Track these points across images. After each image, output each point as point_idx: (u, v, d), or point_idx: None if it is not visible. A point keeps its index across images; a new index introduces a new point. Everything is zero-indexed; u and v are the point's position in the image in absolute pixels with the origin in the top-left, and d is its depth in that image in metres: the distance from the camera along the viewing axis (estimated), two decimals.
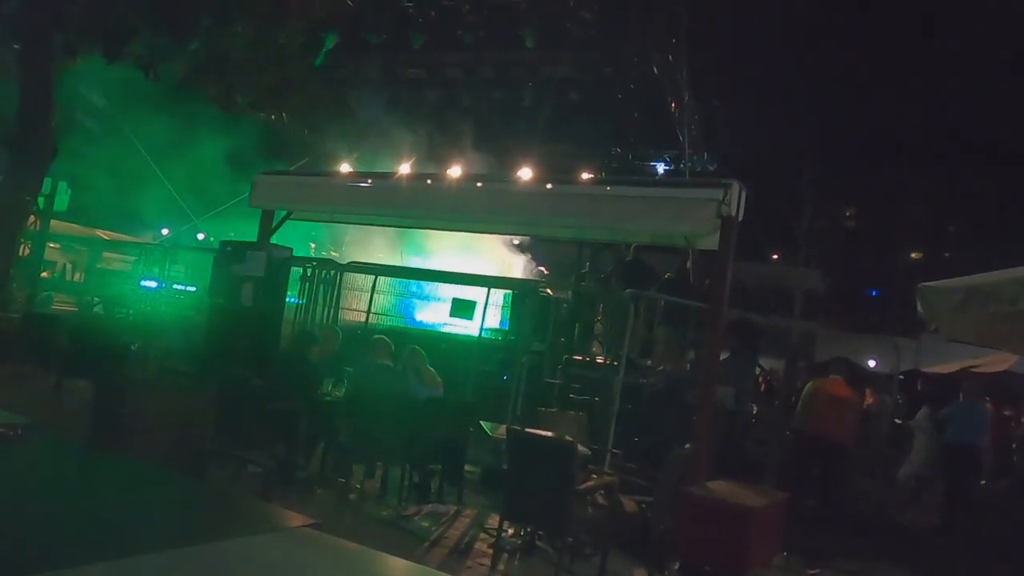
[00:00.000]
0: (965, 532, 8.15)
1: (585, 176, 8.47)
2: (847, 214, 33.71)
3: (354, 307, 10.17)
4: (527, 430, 5.85)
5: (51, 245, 15.62)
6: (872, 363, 16.11)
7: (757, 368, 12.11)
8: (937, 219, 32.93)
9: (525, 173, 7.94)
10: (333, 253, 13.05)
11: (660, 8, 14.29)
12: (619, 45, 13.92)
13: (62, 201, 13.84)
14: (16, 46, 6.89)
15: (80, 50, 7.21)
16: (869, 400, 10.08)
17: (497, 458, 7.20)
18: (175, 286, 14.05)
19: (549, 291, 10.58)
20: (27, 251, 12.83)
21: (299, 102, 7.98)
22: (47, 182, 11.16)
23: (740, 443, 8.72)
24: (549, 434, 5.78)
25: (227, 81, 7.61)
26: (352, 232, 12.77)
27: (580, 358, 9.38)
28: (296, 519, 2.40)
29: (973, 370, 12.80)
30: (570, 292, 10.35)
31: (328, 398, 7.11)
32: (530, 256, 12.91)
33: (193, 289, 13.73)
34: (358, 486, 6.84)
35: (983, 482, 9.26)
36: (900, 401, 12.06)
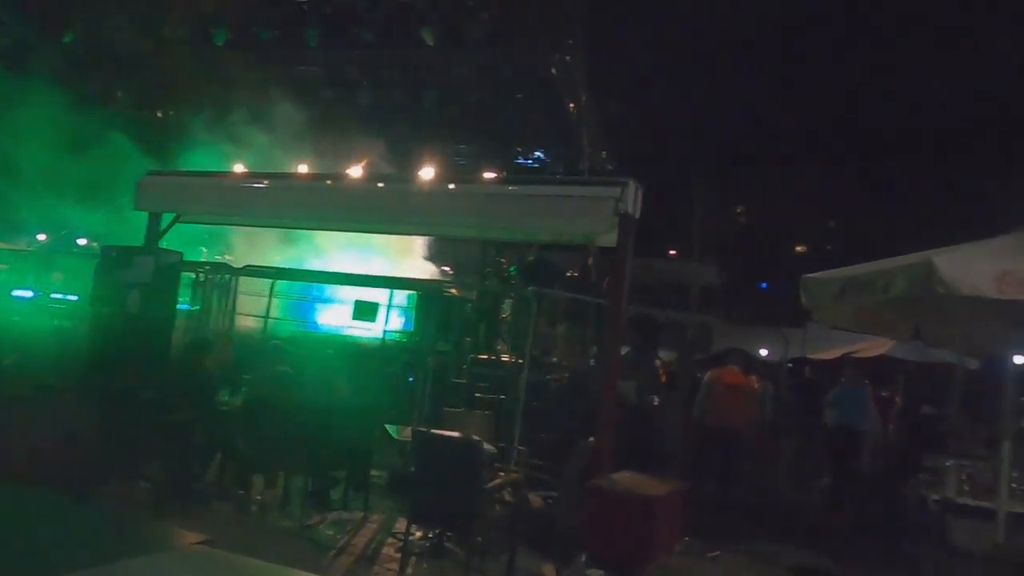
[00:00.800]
0: (850, 509, 8.67)
1: (487, 175, 8.51)
2: (738, 210, 35.33)
3: (251, 312, 9.83)
4: (433, 431, 5.81)
5: None
6: (764, 352, 16.95)
7: (657, 361, 12.52)
8: (820, 214, 34.96)
9: (427, 173, 7.89)
10: (227, 257, 12.55)
11: (556, 9, 14.50)
12: (515, 45, 14.04)
13: None
14: None
15: None
16: (755, 386, 10.58)
17: (404, 461, 7.12)
18: (53, 295, 13.17)
19: (454, 291, 10.57)
20: None
21: (186, 99, 7.60)
22: None
23: (642, 435, 8.97)
24: (455, 434, 5.76)
25: (108, 76, 7.18)
26: (247, 234, 12.32)
27: (485, 357, 9.41)
28: (188, 536, 2.30)
29: (853, 355, 13.68)
30: (475, 291, 10.37)
31: (225, 407, 6.83)
32: (434, 256, 12.84)
33: (74, 298, 12.90)
34: (258, 497, 6.61)
35: (865, 462, 9.86)
36: (790, 386, 12.73)
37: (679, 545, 6.41)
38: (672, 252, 26.38)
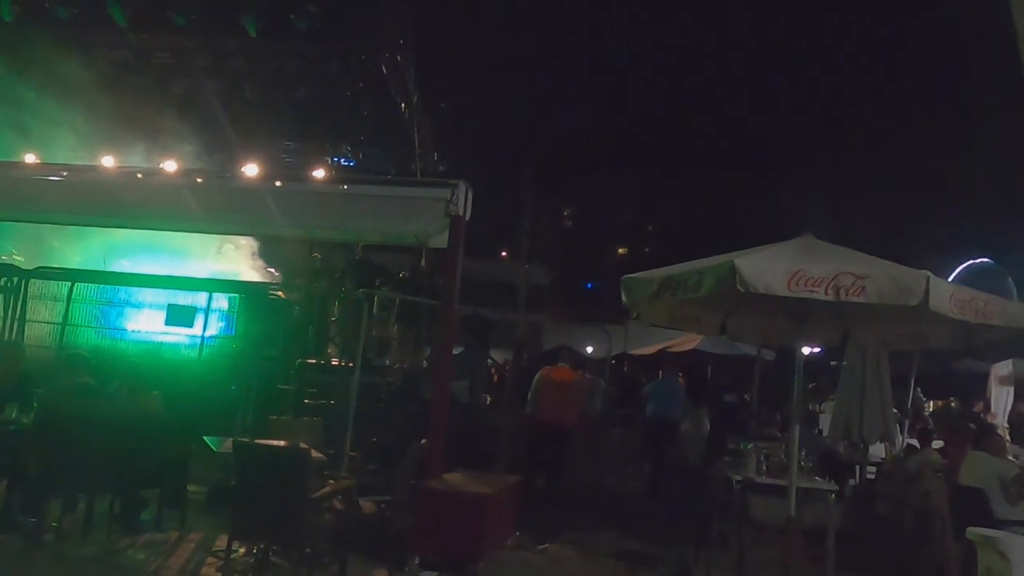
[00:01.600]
0: (666, 495, 9.30)
1: (315, 174, 8.22)
2: (565, 213, 36.80)
3: (45, 319, 8.84)
4: (255, 441, 5.53)
5: None
6: (590, 349, 17.77)
7: (489, 360, 12.75)
8: (641, 218, 37.32)
9: (251, 169, 7.48)
10: (16, 256, 11.19)
11: (387, 8, 14.29)
12: (344, 41, 13.66)
13: None
14: None
15: None
16: (586, 381, 11.07)
17: (226, 474, 6.73)
18: None
19: (280, 293, 10.13)
20: None
21: None
22: None
23: (475, 433, 9.09)
24: (280, 443, 5.52)
25: None
26: (41, 232, 11.06)
27: (314, 361, 9.11)
28: None
29: (669, 350, 14.70)
30: (302, 294, 10.01)
31: (12, 427, 6.08)
32: (257, 256, 12.20)
33: None
34: (54, 524, 5.94)
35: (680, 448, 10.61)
36: (613, 380, 13.42)
37: (511, 540, 6.55)
38: (503, 253, 26.97)
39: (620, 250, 36.72)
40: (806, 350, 7.23)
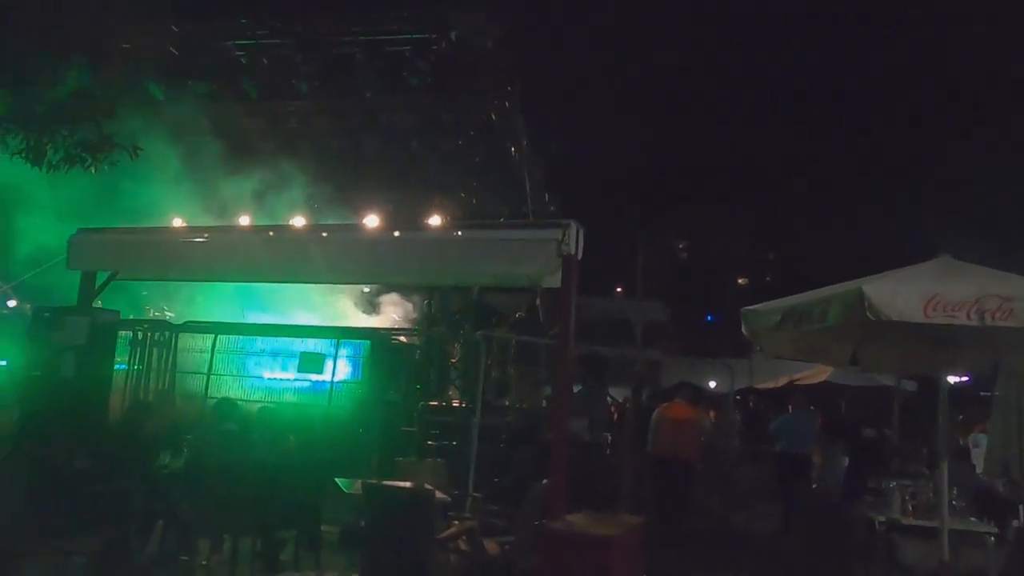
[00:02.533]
0: (800, 535, 8.79)
1: (431, 221, 8.53)
2: (680, 246, 36.16)
3: (193, 370, 9.54)
4: (382, 482, 5.70)
5: None
6: (712, 384, 17.22)
7: (608, 398, 12.60)
8: (758, 247, 36.09)
9: (371, 221, 7.86)
10: (167, 313, 12.21)
11: (494, 57, 14.80)
12: (454, 92, 14.24)
13: None
14: None
15: None
16: (708, 418, 10.72)
17: (356, 515, 6.96)
18: None
19: (402, 338, 10.47)
20: None
21: (119, 155, 7.45)
22: None
23: (597, 472, 8.98)
24: (406, 484, 5.66)
25: (35, 135, 6.99)
26: (187, 289, 12.04)
27: (436, 403, 9.33)
28: None
29: (797, 383, 14.00)
30: (422, 338, 10.31)
31: (166, 471, 6.58)
32: (381, 303, 12.73)
33: (3, 363, 12.34)
34: (203, 563, 6.34)
35: (813, 486, 10.04)
36: (739, 416, 12.94)
37: None
38: (618, 290, 26.75)
39: (740, 280, 35.55)
40: (952, 379, 6.71)
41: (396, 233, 7.87)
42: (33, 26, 6.71)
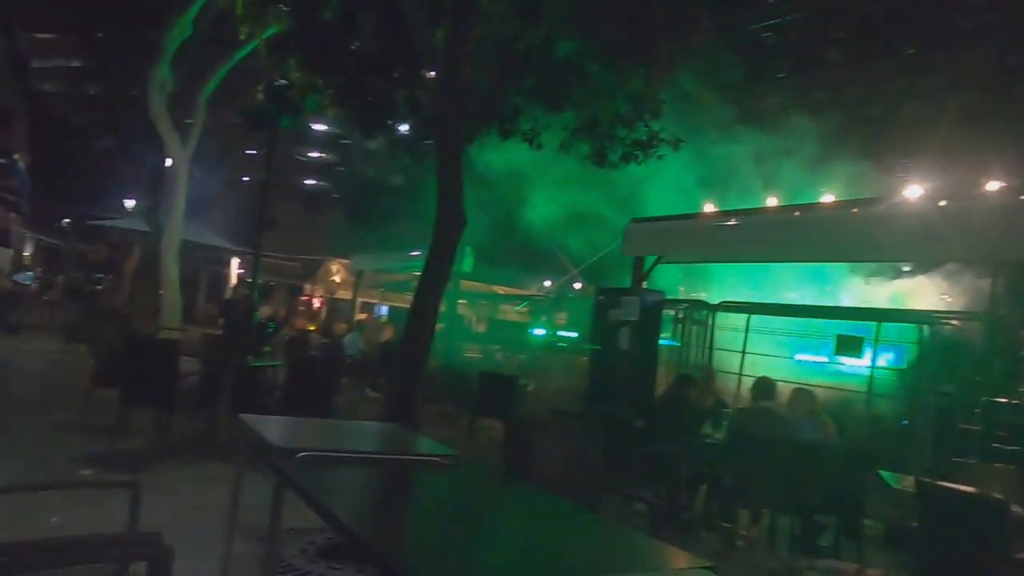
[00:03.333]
0: None
1: (990, 187, 7.27)
2: None
3: (728, 347, 10.00)
4: (942, 484, 5.10)
5: (460, 302, 18.27)
6: None
7: None
8: None
9: (912, 192, 7.11)
10: (702, 294, 13.05)
11: None
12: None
13: (467, 263, 16.10)
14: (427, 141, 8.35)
15: (478, 134, 8.46)
16: None
17: (902, 513, 6.40)
18: (559, 333, 15.34)
19: (954, 322, 9.20)
20: (443, 308, 15.17)
21: (664, 149, 8.25)
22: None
23: None
24: (970, 490, 4.97)
25: (599, 141, 8.21)
26: (721, 270, 12.64)
27: (1004, 400, 7.94)
28: (691, 560, 2.43)
29: None
30: (984, 323, 8.85)
31: (708, 440, 7.06)
32: (927, 283, 11.35)
33: (574, 335, 14.84)
34: (743, 532, 6.62)
35: None
36: None
37: None
38: None
39: None
40: None
41: (943, 203, 6.96)
42: (609, 43, 7.91)
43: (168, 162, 15.26)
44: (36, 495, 4.82)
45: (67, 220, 35.78)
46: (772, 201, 12.19)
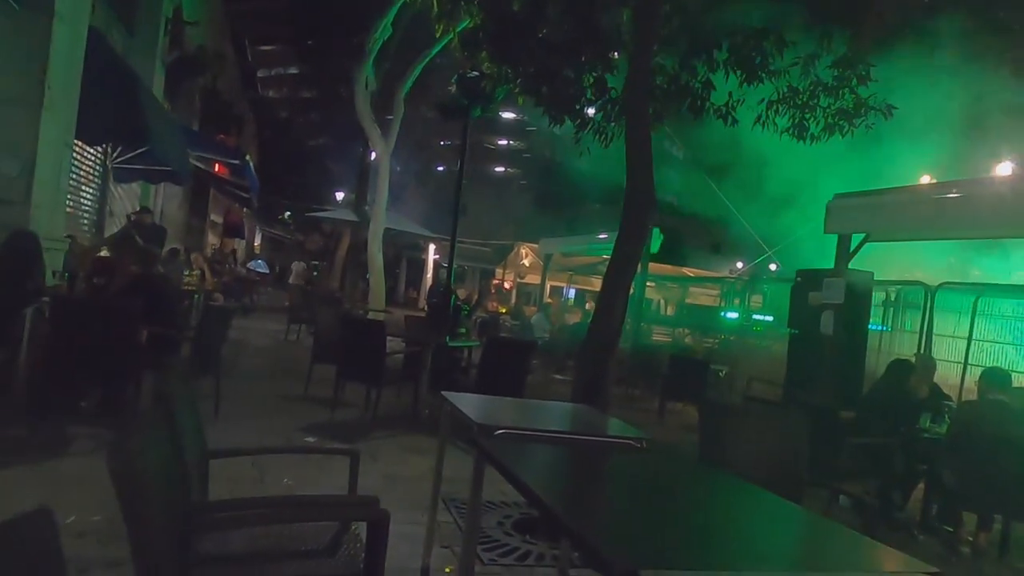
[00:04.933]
0: None
1: None
2: None
3: (950, 333, 9.02)
4: None
5: (648, 284, 18.01)
6: None
7: None
8: None
9: None
10: (917, 274, 11.86)
11: None
12: None
13: (655, 245, 15.82)
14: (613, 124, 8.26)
15: (668, 115, 8.26)
16: None
17: None
18: (754, 316, 14.66)
19: None
20: (632, 291, 15.05)
21: (874, 117, 7.54)
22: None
23: None
24: None
25: (798, 112, 7.71)
26: (943, 248, 11.40)
27: None
28: (910, 564, 2.23)
29: None
30: None
31: (927, 435, 6.42)
32: None
33: (770, 319, 14.11)
34: (969, 538, 5.97)
35: None
36: None
37: None
38: None
39: None
40: None
41: None
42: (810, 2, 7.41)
43: (372, 156, 16.47)
44: (271, 458, 5.47)
45: (288, 213, 39.82)
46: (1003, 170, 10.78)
